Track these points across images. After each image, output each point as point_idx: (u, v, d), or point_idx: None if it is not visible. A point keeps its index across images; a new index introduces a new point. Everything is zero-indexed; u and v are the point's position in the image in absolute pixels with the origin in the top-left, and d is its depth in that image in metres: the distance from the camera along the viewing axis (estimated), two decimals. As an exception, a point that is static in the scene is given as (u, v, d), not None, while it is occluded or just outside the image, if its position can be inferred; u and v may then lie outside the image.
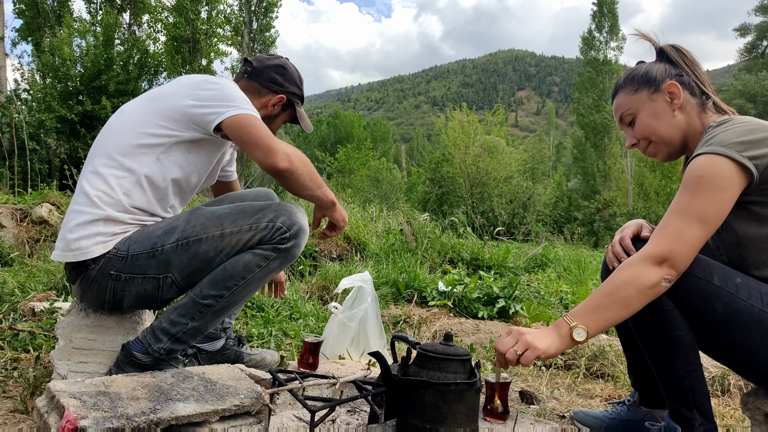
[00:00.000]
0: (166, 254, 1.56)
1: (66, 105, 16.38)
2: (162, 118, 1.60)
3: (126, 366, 1.58)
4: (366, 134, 41.54)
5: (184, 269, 1.58)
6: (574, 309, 1.30)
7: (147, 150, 1.60)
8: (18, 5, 21.29)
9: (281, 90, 1.87)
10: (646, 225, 1.50)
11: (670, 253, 1.24)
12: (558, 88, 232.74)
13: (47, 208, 4.66)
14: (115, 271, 1.56)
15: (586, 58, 30.73)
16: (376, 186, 23.07)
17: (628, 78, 1.52)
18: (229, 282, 1.58)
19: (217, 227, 1.58)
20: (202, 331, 1.63)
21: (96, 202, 1.55)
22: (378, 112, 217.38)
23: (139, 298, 1.62)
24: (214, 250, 1.58)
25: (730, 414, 2.00)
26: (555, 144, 59.45)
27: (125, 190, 1.58)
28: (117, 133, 1.64)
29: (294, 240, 1.61)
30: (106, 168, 1.58)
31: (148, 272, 1.57)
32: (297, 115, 1.93)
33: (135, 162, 1.59)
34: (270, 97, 1.87)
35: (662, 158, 1.53)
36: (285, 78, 1.89)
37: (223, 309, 1.61)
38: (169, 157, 1.62)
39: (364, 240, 5.19)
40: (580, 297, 3.95)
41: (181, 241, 1.57)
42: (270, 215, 1.60)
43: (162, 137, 1.60)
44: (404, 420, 1.26)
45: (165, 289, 1.61)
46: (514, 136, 34.77)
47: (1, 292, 2.92)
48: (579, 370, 2.45)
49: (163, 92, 1.66)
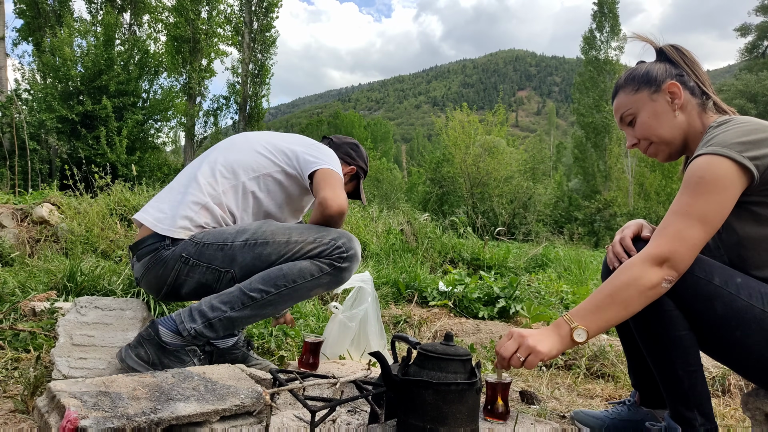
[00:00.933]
0: (233, 250, 1.70)
1: (66, 105, 16.40)
2: (279, 153, 1.89)
3: (147, 343, 1.62)
4: (366, 134, 41.54)
5: (245, 267, 1.71)
6: (574, 309, 1.30)
7: (256, 167, 1.86)
8: (18, 5, 21.30)
9: (353, 162, 2.17)
10: (646, 225, 1.50)
11: (670, 254, 1.24)
12: (558, 88, 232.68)
13: (48, 208, 4.66)
14: (186, 255, 1.70)
15: (587, 57, 30.71)
16: (377, 186, 23.08)
17: (629, 78, 1.52)
18: (281, 281, 1.67)
19: (285, 235, 1.73)
20: (236, 325, 1.68)
21: (202, 187, 1.79)
22: (378, 112, 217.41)
23: (199, 287, 1.73)
24: (276, 254, 1.71)
25: (730, 414, 1.99)
26: (555, 144, 59.46)
27: (224, 189, 1.81)
28: (238, 148, 1.92)
29: (349, 262, 1.75)
30: (221, 166, 1.84)
31: (213, 263, 1.70)
32: (359, 187, 2.22)
33: (243, 172, 1.85)
34: (344, 167, 2.13)
35: (663, 158, 1.53)
36: (357, 154, 2.20)
37: (264, 307, 1.68)
38: (266, 180, 1.87)
39: (364, 240, 5.19)
40: (581, 297, 3.95)
41: (250, 241, 1.71)
42: (334, 234, 1.75)
43: (272, 163, 1.87)
44: (405, 420, 1.26)
45: (224, 283, 1.73)
46: (515, 136, 34.74)
47: (1, 292, 2.92)
48: (579, 370, 2.45)
49: (285, 136, 2.00)
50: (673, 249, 1.24)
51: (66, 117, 16.05)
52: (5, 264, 3.86)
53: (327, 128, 43.34)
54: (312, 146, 1.93)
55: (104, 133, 16.31)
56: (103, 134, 16.26)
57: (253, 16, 22.40)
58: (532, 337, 1.27)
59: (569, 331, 1.26)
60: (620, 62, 30.01)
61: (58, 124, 15.95)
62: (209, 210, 1.77)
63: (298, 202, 2.00)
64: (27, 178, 9.78)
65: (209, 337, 1.68)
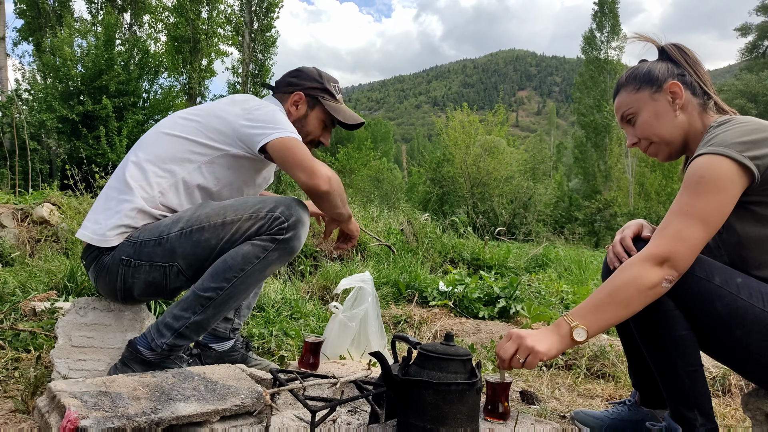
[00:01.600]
0: (171, 242, 1.61)
1: (67, 105, 16.40)
2: (213, 131, 1.71)
3: (131, 362, 1.59)
4: (367, 134, 41.51)
5: (188, 257, 1.62)
6: (575, 309, 1.30)
7: (192, 157, 1.70)
8: (19, 5, 21.32)
9: (297, 88, 1.91)
10: (646, 225, 1.50)
11: (671, 254, 1.24)
12: (559, 88, 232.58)
13: (48, 208, 4.66)
14: (126, 257, 1.63)
15: (588, 57, 30.73)
16: (377, 186, 23.07)
17: (630, 77, 1.52)
18: (229, 274, 1.58)
19: (219, 216, 1.62)
20: (204, 326, 1.63)
21: (134, 191, 1.66)
22: (379, 112, 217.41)
23: (149, 286, 1.66)
24: (215, 238, 1.60)
25: (731, 414, 1.99)
26: (556, 144, 59.45)
27: (161, 189, 1.68)
28: (166, 138, 1.73)
29: (292, 231, 1.62)
30: (150, 164, 1.69)
31: (155, 260, 1.62)
32: (328, 109, 1.92)
33: (178, 166, 1.69)
34: (289, 99, 1.91)
35: (663, 158, 1.53)
36: (300, 77, 1.93)
37: (224, 302, 1.61)
38: (210, 168, 1.72)
39: (364, 240, 5.19)
40: (581, 297, 3.95)
41: (185, 230, 1.61)
42: (270, 205, 1.62)
43: (209, 148, 1.70)
44: (405, 420, 1.26)
45: (172, 278, 1.65)
46: (515, 136, 34.76)
47: (2, 292, 2.92)
48: (580, 370, 2.45)
49: (217, 107, 1.76)
50: (673, 249, 1.24)
51: (66, 117, 16.04)
52: (6, 264, 3.86)
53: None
54: (246, 111, 1.71)
55: (104, 133, 16.31)
56: (103, 134, 16.26)
57: (254, 16, 22.39)
58: (530, 337, 1.27)
59: (569, 331, 1.26)
60: (621, 62, 30.02)
61: (59, 124, 15.95)
62: (147, 213, 1.67)
63: (259, 175, 1.89)
64: (27, 178, 9.78)
65: (185, 345, 1.63)
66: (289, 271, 4.18)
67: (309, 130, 1.93)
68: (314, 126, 1.94)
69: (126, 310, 1.79)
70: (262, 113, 1.70)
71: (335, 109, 1.94)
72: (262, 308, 3.06)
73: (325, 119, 1.94)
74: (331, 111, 1.92)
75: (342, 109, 1.96)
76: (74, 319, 1.73)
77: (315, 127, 1.94)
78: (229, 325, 2.05)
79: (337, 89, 1.98)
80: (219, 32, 21.58)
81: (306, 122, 1.92)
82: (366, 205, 7.82)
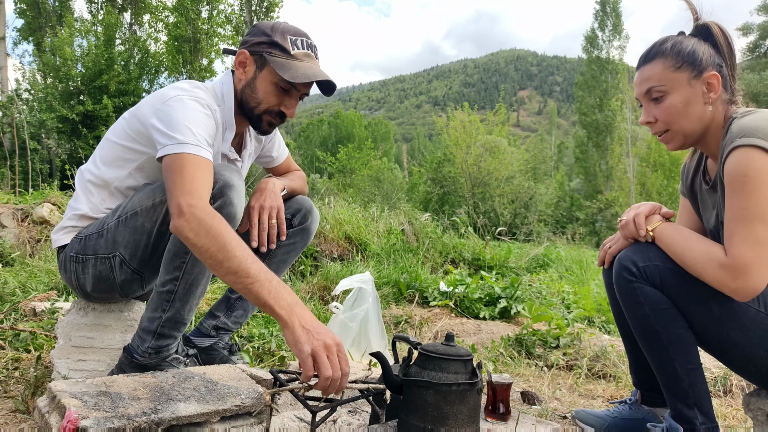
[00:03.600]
0: (111, 232, 1.58)
1: (67, 105, 16.42)
2: (136, 133, 1.60)
3: (127, 367, 1.58)
4: (367, 134, 41.53)
5: (129, 245, 1.57)
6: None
7: (122, 163, 1.64)
8: (19, 5, 21.32)
9: (243, 47, 1.63)
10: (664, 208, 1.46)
11: (745, 263, 1.20)
12: (560, 88, 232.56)
13: (48, 208, 4.66)
14: (74, 253, 1.64)
15: (589, 57, 30.70)
16: (378, 186, 23.07)
17: (674, 49, 1.36)
18: (177, 261, 1.50)
19: (149, 198, 1.54)
20: (180, 320, 1.58)
21: (80, 199, 1.67)
22: (379, 112, 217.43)
23: (98, 281, 1.64)
24: (149, 221, 1.54)
25: (732, 414, 1.99)
26: (557, 144, 59.44)
27: (102, 197, 1.67)
28: (107, 141, 1.70)
29: (221, 199, 1.44)
30: (90, 174, 1.68)
31: (99, 252, 1.60)
32: (274, 67, 1.57)
33: (111, 173, 1.65)
34: (241, 58, 1.63)
35: (673, 147, 1.43)
36: (251, 33, 1.64)
37: (187, 291, 1.53)
38: (141, 173, 1.65)
39: (365, 240, 5.19)
40: (582, 297, 3.94)
41: (122, 217, 1.57)
42: None
43: (135, 153, 1.62)
44: (405, 420, 1.26)
45: (117, 270, 1.61)
46: (516, 136, 34.76)
47: (2, 292, 2.92)
48: (581, 371, 2.45)
49: (141, 105, 1.62)
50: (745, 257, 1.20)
51: (66, 117, 16.06)
52: (6, 264, 3.86)
53: (327, 128, 43.31)
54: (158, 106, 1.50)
55: (105, 132, 16.33)
56: (104, 134, 16.26)
57: (254, 15, 22.39)
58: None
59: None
60: (623, 61, 30.01)
61: (59, 124, 15.96)
62: (92, 218, 1.66)
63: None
64: (27, 178, 9.78)
65: (171, 343, 1.60)
66: (289, 271, 4.17)
67: (260, 97, 1.64)
68: (265, 91, 1.63)
69: (126, 311, 1.79)
70: (168, 110, 1.46)
71: (283, 66, 1.57)
72: (263, 308, 3.05)
73: (277, 81, 1.60)
74: (278, 68, 1.56)
75: (293, 66, 1.57)
76: (74, 319, 1.73)
77: (267, 92, 1.63)
78: (212, 322, 1.98)
79: (297, 44, 1.61)
80: (219, 32, 21.57)
81: (255, 87, 1.63)
82: (366, 205, 7.81)
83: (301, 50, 1.62)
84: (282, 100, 1.65)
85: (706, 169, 1.49)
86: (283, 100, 1.65)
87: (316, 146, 40.43)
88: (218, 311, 1.99)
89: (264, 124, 1.70)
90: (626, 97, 29.78)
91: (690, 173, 1.56)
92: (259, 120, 1.69)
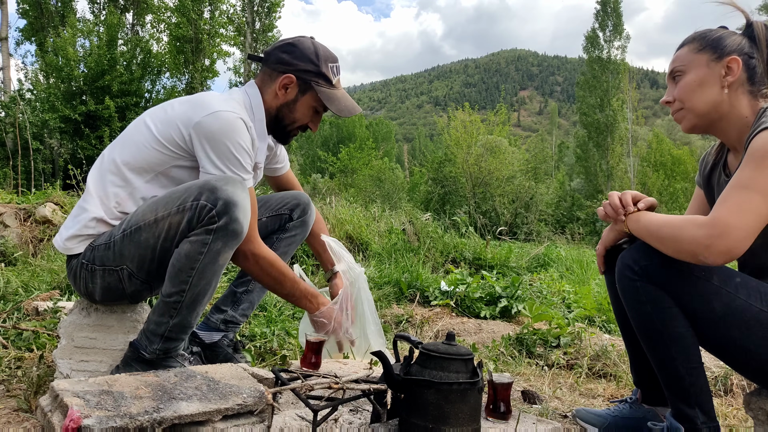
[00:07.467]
0: (117, 245, 1.58)
1: (69, 105, 16.45)
2: (168, 140, 1.62)
3: (133, 362, 1.60)
4: (368, 134, 41.51)
5: (134, 259, 1.57)
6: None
7: (148, 167, 1.64)
8: (22, 5, 21.36)
9: (288, 69, 1.72)
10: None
11: (728, 224, 1.18)
12: (560, 88, 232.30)
13: (51, 207, 4.67)
14: (85, 261, 1.63)
15: (590, 57, 30.63)
16: (379, 186, 23.05)
17: (700, 36, 1.43)
18: (182, 276, 1.52)
19: (152, 213, 1.55)
20: (187, 325, 1.60)
21: (94, 200, 1.64)
22: (380, 112, 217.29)
23: (107, 290, 1.64)
24: (153, 237, 1.54)
25: (733, 414, 1.99)
26: (557, 143, 59.39)
27: (119, 200, 1.64)
28: (129, 141, 1.67)
29: (225, 216, 1.48)
30: (110, 174, 1.65)
31: (107, 264, 1.60)
32: (322, 98, 1.72)
33: (134, 175, 1.64)
34: (277, 80, 1.73)
35: (686, 128, 1.46)
36: (293, 55, 1.72)
37: (193, 301, 1.56)
38: (167, 178, 1.65)
39: (366, 240, 5.19)
40: (583, 296, 3.94)
41: (127, 231, 1.57)
42: (195, 192, 1.50)
43: (164, 156, 1.63)
44: (407, 419, 1.27)
45: (126, 282, 1.62)
46: (517, 136, 34.74)
47: (4, 292, 2.93)
48: (581, 370, 2.45)
49: (174, 111, 1.64)
50: (730, 219, 1.19)
51: (69, 117, 16.09)
52: (8, 264, 3.87)
53: (329, 128, 43.31)
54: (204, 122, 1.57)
55: (107, 133, 16.35)
56: (106, 134, 16.31)
57: (255, 16, 22.40)
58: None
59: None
60: (624, 61, 29.96)
61: (61, 124, 15.99)
62: (106, 222, 1.63)
63: None
64: (30, 178, 9.79)
65: (177, 345, 1.62)
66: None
67: (296, 117, 1.78)
68: (303, 113, 1.78)
69: (128, 311, 1.79)
70: (213, 130, 1.56)
71: (330, 97, 1.73)
72: (264, 308, 3.06)
73: (316, 106, 1.77)
74: (325, 100, 1.73)
75: (338, 98, 1.75)
76: (77, 319, 1.73)
77: (303, 114, 1.79)
78: (220, 316, 1.99)
79: (334, 70, 1.77)
80: (221, 32, 21.61)
81: (294, 108, 1.76)
82: (367, 205, 7.82)
83: (337, 77, 1.79)
84: (312, 119, 1.82)
85: (726, 162, 1.51)
86: (312, 119, 1.82)
87: (317, 146, 40.44)
88: (225, 305, 2.02)
89: (290, 138, 1.87)
90: (627, 97, 29.74)
91: (709, 165, 1.58)
92: (289, 135, 1.85)
